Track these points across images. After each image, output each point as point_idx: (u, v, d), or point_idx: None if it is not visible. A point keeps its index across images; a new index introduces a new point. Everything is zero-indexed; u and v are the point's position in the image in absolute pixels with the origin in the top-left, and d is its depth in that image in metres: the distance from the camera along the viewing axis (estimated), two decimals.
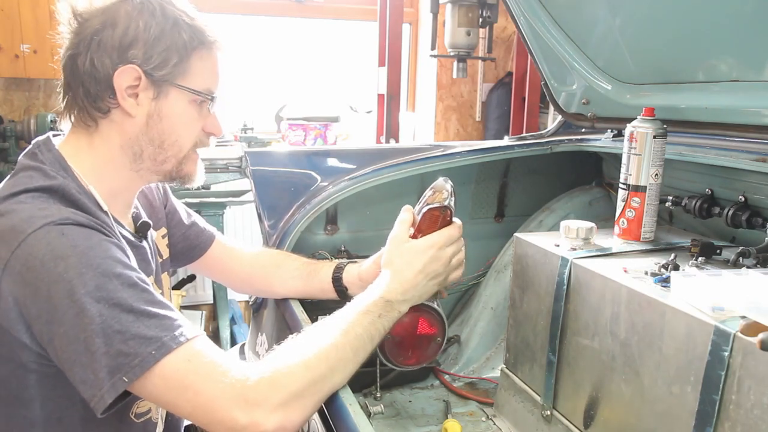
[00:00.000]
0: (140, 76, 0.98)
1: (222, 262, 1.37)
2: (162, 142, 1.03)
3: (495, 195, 1.78)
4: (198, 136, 1.08)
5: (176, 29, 0.99)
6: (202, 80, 1.03)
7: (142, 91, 0.99)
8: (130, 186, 1.08)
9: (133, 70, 0.97)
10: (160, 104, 1.01)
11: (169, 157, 1.05)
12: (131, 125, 1.01)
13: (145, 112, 1.00)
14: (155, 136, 1.02)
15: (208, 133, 1.10)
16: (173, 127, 1.03)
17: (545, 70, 1.68)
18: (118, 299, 0.84)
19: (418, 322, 1.11)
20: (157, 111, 1.01)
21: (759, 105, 1.20)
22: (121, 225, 1.04)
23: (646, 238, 1.17)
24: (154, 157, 1.04)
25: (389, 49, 3.43)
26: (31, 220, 0.87)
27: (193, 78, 1.02)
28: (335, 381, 0.92)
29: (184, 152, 1.06)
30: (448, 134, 4.34)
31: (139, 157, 1.03)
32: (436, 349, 1.15)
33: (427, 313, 1.11)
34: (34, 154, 1.00)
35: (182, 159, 1.07)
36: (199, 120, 1.06)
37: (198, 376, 0.85)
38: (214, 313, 3.53)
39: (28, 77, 3.36)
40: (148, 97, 1.00)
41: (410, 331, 1.11)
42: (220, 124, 1.10)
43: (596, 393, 1.04)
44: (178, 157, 1.06)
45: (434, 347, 1.14)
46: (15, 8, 3.27)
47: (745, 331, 0.76)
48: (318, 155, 1.73)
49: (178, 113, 1.03)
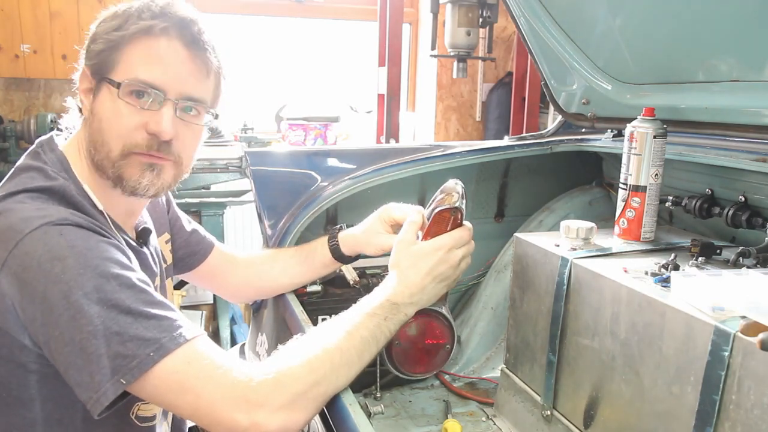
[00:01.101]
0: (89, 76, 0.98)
1: (221, 269, 1.37)
2: (95, 142, 0.98)
3: (495, 195, 1.78)
4: (131, 136, 0.96)
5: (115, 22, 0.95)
6: (133, 71, 0.94)
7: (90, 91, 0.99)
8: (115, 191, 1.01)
9: (84, 70, 0.98)
10: (96, 102, 0.98)
11: (101, 159, 0.97)
12: (85, 127, 1.01)
13: (87, 112, 0.99)
14: (92, 137, 0.98)
15: (151, 133, 0.96)
16: (100, 125, 0.97)
17: (545, 70, 1.68)
18: (116, 300, 0.84)
19: (427, 330, 1.08)
20: (92, 109, 0.98)
21: (759, 105, 1.20)
22: (122, 230, 1.03)
23: (646, 238, 1.17)
24: (95, 160, 0.98)
25: (389, 49, 3.43)
26: (28, 220, 0.86)
27: (125, 69, 0.94)
28: (339, 383, 0.91)
29: (115, 153, 0.96)
30: (448, 134, 4.34)
31: (91, 161, 0.99)
32: (445, 357, 1.12)
33: (436, 319, 1.08)
34: (37, 154, 0.99)
35: (116, 162, 0.96)
36: (133, 117, 0.95)
37: (198, 377, 0.84)
38: (214, 313, 3.53)
39: (28, 77, 3.36)
40: (90, 97, 0.99)
41: (419, 339, 1.08)
42: (162, 121, 0.95)
43: (596, 393, 1.04)
44: (110, 159, 0.96)
45: (443, 355, 1.11)
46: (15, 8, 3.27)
47: (745, 331, 0.76)
48: (318, 155, 1.73)
49: (108, 110, 0.96)
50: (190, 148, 1.04)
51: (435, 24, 3.34)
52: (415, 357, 1.09)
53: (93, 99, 0.98)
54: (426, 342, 1.09)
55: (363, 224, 1.28)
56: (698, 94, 1.33)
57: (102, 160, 0.97)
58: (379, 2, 3.49)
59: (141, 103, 0.95)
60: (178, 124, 0.98)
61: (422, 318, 1.06)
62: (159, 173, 0.99)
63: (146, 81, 0.94)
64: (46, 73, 3.38)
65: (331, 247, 1.31)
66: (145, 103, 0.95)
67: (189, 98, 0.98)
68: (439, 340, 1.09)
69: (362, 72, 4.15)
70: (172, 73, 0.96)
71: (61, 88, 3.44)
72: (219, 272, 1.37)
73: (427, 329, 1.08)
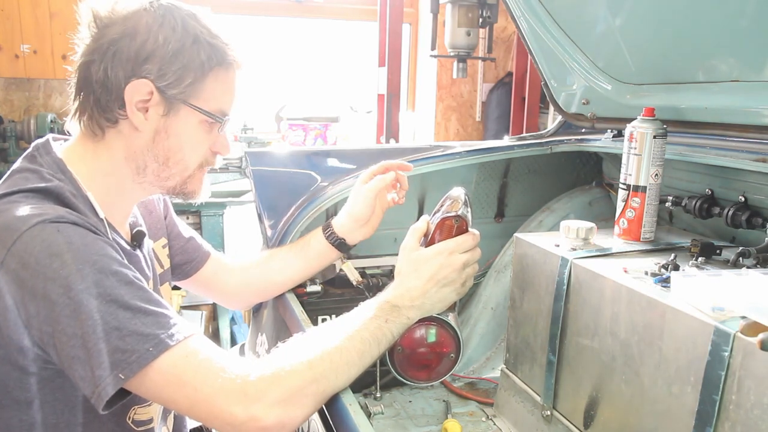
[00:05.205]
0: (152, 92, 0.96)
1: (218, 277, 1.37)
2: (167, 159, 1.02)
3: (495, 195, 1.78)
4: (205, 156, 1.06)
5: (195, 47, 0.97)
6: (215, 101, 1.01)
7: (152, 107, 0.97)
8: (130, 196, 1.07)
9: (145, 85, 0.95)
10: (170, 121, 0.99)
11: (173, 174, 1.04)
12: (137, 139, 1.00)
13: (153, 127, 0.99)
14: (160, 153, 1.01)
15: (215, 153, 1.08)
16: (180, 145, 1.02)
17: (545, 70, 1.68)
18: (115, 296, 0.84)
19: (427, 337, 1.07)
20: (165, 128, 0.99)
21: (759, 105, 1.20)
22: (116, 232, 1.03)
23: (646, 238, 1.17)
24: (158, 173, 1.03)
25: (389, 49, 3.43)
26: (25, 218, 0.86)
27: (207, 98, 1.00)
28: (338, 382, 0.91)
29: (190, 171, 1.05)
30: (448, 134, 4.34)
31: (142, 171, 1.02)
32: (450, 366, 1.10)
33: (441, 327, 1.07)
34: (32, 157, 0.99)
35: (187, 177, 1.05)
36: (208, 140, 1.04)
37: (196, 372, 0.85)
38: (214, 313, 3.53)
39: (28, 77, 3.37)
40: (158, 113, 0.98)
41: (422, 346, 1.07)
42: (229, 144, 1.08)
43: (596, 393, 1.04)
44: (183, 176, 1.05)
45: (447, 363, 1.09)
46: (15, 8, 3.28)
47: (745, 331, 0.76)
48: (318, 155, 1.73)
49: (187, 132, 1.01)
50: None
51: (435, 24, 3.35)
52: (418, 363, 1.08)
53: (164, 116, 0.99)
54: (429, 349, 1.07)
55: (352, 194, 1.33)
56: (698, 94, 1.33)
57: (174, 174, 1.04)
58: (379, 2, 3.50)
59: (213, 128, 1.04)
60: None
61: (426, 324, 1.05)
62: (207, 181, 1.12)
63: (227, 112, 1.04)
64: (46, 73, 3.38)
65: (326, 235, 1.33)
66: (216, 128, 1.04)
67: None
68: (443, 348, 1.08)
69: (362, 72, 4.15)
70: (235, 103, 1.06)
71: (61, 88, 3.45)
72: (216, 280, 1.37)
73: (429, 335, 1.07)
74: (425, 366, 1.09)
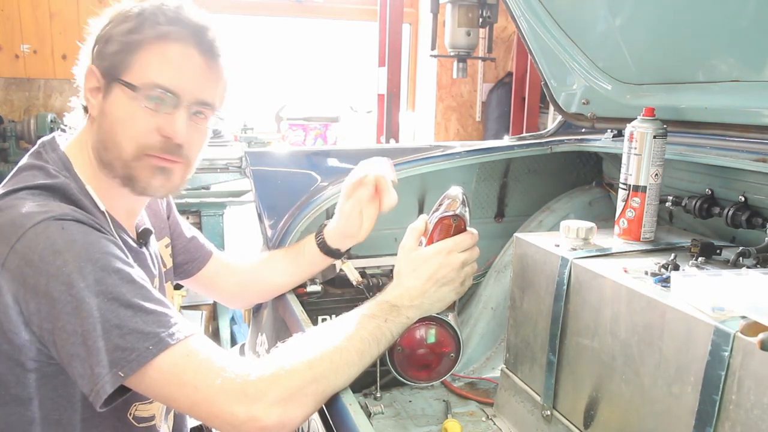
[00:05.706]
0: (97, 76, 0.98)
1: (219, 276, 1.37)
2: (105, 143, 0.98)
3: (495, 195, 1.78)
4: (146, 138, 0.97)
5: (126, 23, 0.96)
6: (147, 75, 0.95)
7: (100, 91, 0.98)
8: (119, 191, 1.02)
9: (91, 71, 0.98)
10: (107, 102, 0.98)
11: (112, 159, 0.98)
12: (93, 126, 1.01)
13: (98, 111, 0.99)
14: (101, 137, 0.99)
15: (166, 136, 0.98)
16: (113, 125, 0.97)
17: (545, 70, 1.68)
18: (116, 294, 0.84)
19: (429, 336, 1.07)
20: (103, 110, 0.98)
21: (759, 105, 1.20)
22: (122, 230, 1.04)
23: (646, 238, 1.17)
24: (102, 160, 0.99)
25: (389, 49, 3.44)
26: (30, 215, 0.87)
27: (138, 73, 0.95)
28: (338, 382, 0.91)
29: (128, 154, 0.97)
30: (448, 134, 4.34)
31: (99, 160, 1.00)
32: (450, 365, 1.10)
33: (441, 326, 1.07)
34: (38, 154, 1.00)
35: (128, 163, 0.97)
36: (147, 119, 0.96)
37: (197, 371, 0.85)
38: (214, 313, 3.53)
39: (28, 77, 3.37)
40: (101, 96, 0.98)
41: (421, 345, 1.07)
42: (176, 124, 0.97)
43: (596, 393, 1.04)
44: (121, 160, 0.98)
45: (447, 363, 1.09)
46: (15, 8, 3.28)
47: (745, 331, 0.76)
48: (318, 155, 1.73)
49: (120, 110, 0.97)
50: (198, 149, 1.06)
51: (435, 24, 3.35)
52: (418, 363, 1.08)
53: (103, 99, 0.98)
54: (429, 349, 1.07)
55: (337, 210, 1.30)
56: (698, 94, 1.33)
57: (113, 159, 0.98)
58: (379, 2, 3.50)
59: (156, 107, 0.96)
60: (189, 128, 1.00)
61: (426, 324, 1.05)
62: (169, 175, 1.01)
63: (163, 86, 0.95)
64: (46, 73, 3.38)
65: (318, 243, 1.32)
66: (160, 107, 0.96)
67: (201, 102, 1.00)
68: (443, 348, 1.08)
69: (362, 72, 4.15)
70: (187, 79, 0.97)
71: (61, 88, 3.45)
72: (217, 279, 1.37)
73: (429, 335, 1.07)
74: (425, 366, 1.08)
